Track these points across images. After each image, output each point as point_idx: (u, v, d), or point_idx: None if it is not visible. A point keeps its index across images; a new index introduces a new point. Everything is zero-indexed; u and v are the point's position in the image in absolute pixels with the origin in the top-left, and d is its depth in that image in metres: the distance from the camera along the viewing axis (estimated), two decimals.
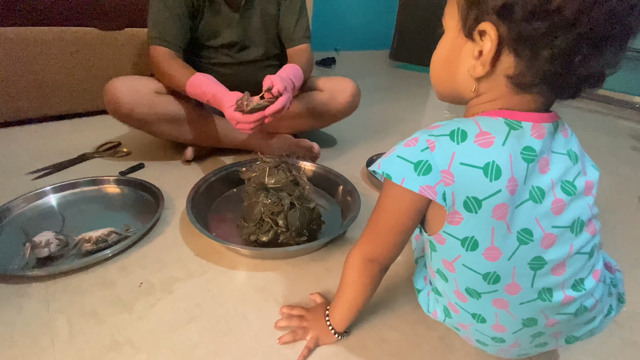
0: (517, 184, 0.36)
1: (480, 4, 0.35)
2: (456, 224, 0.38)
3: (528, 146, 0.36)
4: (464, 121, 0.38)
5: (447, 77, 0.42)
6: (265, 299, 0.61)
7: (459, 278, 0.43)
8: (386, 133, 1.42)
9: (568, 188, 0.38)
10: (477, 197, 0.36)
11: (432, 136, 0.38)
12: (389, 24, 3.27)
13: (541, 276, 0.39)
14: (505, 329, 0.43)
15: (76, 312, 0.56)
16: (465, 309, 0.45)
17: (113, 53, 1.28)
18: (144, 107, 0.89)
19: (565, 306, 0.41)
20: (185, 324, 0.55)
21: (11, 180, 0.87)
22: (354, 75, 2.43)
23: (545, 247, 0.38)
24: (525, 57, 0.34)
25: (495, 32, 0.34)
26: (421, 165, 0.37)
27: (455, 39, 0.39)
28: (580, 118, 1.91)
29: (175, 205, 0.84)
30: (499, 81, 0.37)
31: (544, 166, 0.37)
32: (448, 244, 0.41)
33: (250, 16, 1.01)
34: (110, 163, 1.00)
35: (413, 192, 0.37)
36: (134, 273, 0.64)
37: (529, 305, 0.40)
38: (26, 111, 1.18)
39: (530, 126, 0.37)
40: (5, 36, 1.07)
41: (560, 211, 0.38)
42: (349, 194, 0.87)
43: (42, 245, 0.65)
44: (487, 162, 0.35)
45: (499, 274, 0.39)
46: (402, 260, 0.71)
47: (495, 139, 0.36)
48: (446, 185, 0.36)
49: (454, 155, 0.36)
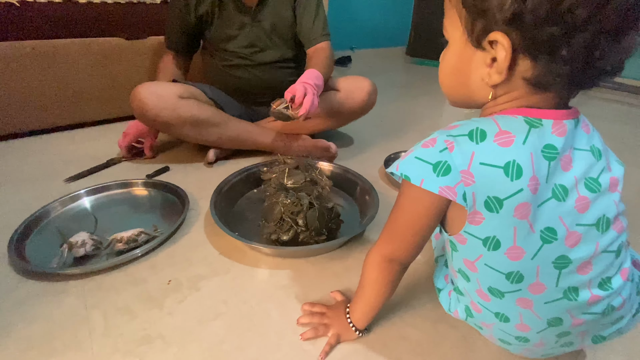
0: (538, 183, 0.36)
1: (486, 15, 0.34)
2: (477, 224, 0.38)
3: (549, 144, 0.36)
4: (483, 120, 0.38)
5: (459, 87, 0.41)
6: (287, 296, 0.63)
7: (481, 278, 0.42)
8: (404, 131, 1.41)
9: (592, 185, 0.38)
10: (498, 196, 0.36)
11: (451, 136, 0.37)
12: (405, 20, 3.22)
13: (566, 275, 0.38)
14: (530, 328, 0.43)
15: (111, 308, 0.59)
16: (488, 308, 0.45)
17: (138, 61, 1.33)
18: (168, 111, 0.93)
19: (592, 306, 0.40)
20: (211, 319, 0.58)
21: (47, 184, 0.93)
22: (370, 73, 2.43)
23: (569, 246, 0.37)
24: (543, 59, 0.33)
25: (507, 41, 0.33)
26: (440, 165, 0.37)
27: (463, 49, 0.38)
28: (606, 110, 1.83)
29: (199, 205, 0.87)
30: (516, 83, 0.37)
31: (567, 164, 0.37)
32: (469, 243, 0.40)
33: (262, 20, 1.03)
34: (137, 167, 1.05)
35: (432, 193, 0.37)
36: (163, 271, 0.67)
37: (554, 304, 0.40)
38: (58, 119, 1.24)
39: (551, 124, 0.36)
40: (37, 49, 1.14)
41: (584, 209, 0.37)
42: (367, 193, 0.88)
43: (78, 245, 0.69)
44: (507, 162, 0.35)
45: (522, 274, 0.39)
46: (422, 260, 0.71)
47: (515, 138, 0.35)
48: (466, 186, 0.36)
49: (473, 155, 0.36)
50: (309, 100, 0.84)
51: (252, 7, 1.01)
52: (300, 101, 0.84)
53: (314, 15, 1.06)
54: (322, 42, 1.07)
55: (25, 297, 0.61)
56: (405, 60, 2.97)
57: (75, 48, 1.20)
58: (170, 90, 0.95)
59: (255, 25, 1.03)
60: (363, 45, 3.02)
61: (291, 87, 0.87)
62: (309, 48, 1.08)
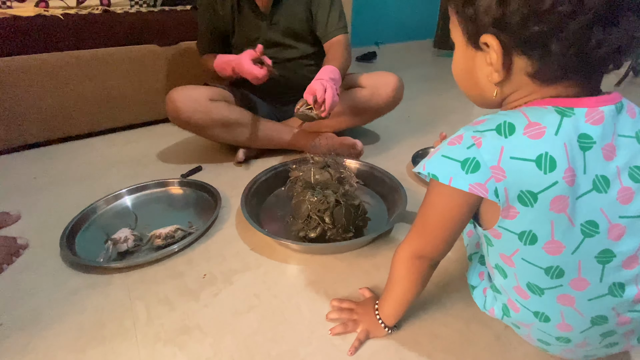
0: (575, 175, 0.34)
1: (475, 20, 0.36)
2: (512, 218, 0.37)
3: (584, 133, 0.34)
4: (510, 113, 0.37)
5: (472, 86, 0.42)
6: (316, 291, 0.64)
7: (519, 273, 0.41)
8: (432, 126, 1.38)
9: (637, 174, 0.36)
10: (532, 190, 0.35)
11: (478, 132, 0.37)
12: (432, 12, 3.14)
13: (611, 270, 0.37)
14: (572, 328, 0.41)
15: (152, 299, 0.63)
16: (526, 306, 0.43)
17: (170, 65, 1.40)
18: (200, 113, 0.97)
19: (639, 303, 0.38)
20: (245, 312, 0.60)
21: (93, 184, 1.00)
22: (396, 67, 2.39)
23: (613, 239, 0.36)
24: (537, 55, 0.34)
25: (497, 43, 0.35)
26: (469, 162, 0.36)
27: (466, 51, 0.40)
28: None
29: (230, 203, 0.90)
30: (522, 80, 0.37)
31: (610, 152, 0.35)
32: (504, 238, 0.40)
33: (278, 21, 1.05)
34: (173, 167, 1.10)
35: (462, 191, 0.36)
36: (199, 265, 0.71)
37: (598, 301, 0.38)
38: (100, 124, 1.33)
39: (584, 112, 0.35)
40: (81, 59, 1.22)
41: (628, 200, 0.35)
42: (394, 190, 0.87)
43: (121, 241, 0.74)
44: (539, 154, 0.34)
45: (562, 268, 0.38)
46: (454, 257, 0.70)
47: (546, 129, 0.34)
48: (497, 182, 0.35)
49: (502, 150, 0.35)
50: (330, 95, 0.85)
51: (267, 11, 1.03)
52: (323, 99, 0.85)
53: (329, 9, 1.06)
54: (338, 35, 1.07)
55: (76, 288, 0.66)
56: (433, 53, 2.89)
57: (114, 56, 1.28)
58: (202, 94, 0.99)
59: (272, 27, 1.05)
60: (389, 40, 2.98)
61: (309, 87, 0.88)
62: (325, 42, 1.09)
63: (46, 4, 1.27)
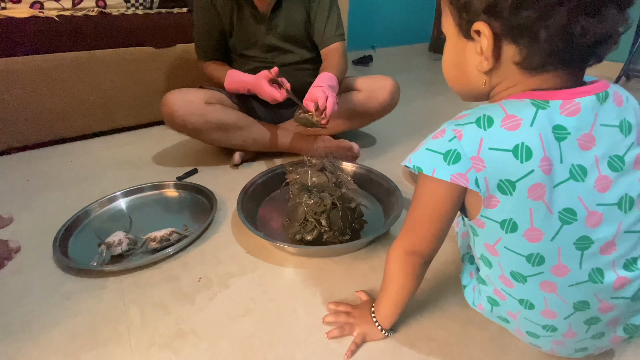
0: (551, 164, 0.36)
1: (468, 8, 0.37)
2: (493, 207, 0.39)
3: (558, 125, 0.36)
4: (490, 107, 0.38)
5: (460, 78, 0.43)
6: (313, 294, 0.64)
7: (502, 261, 0.42)
8: (429, 129, 1.38)
9: (616, 163, 0.37)
10: (510, 179, 0.36)
11: (459, 125, 0.38)
12: (428, 16, 3.17)
13: (590, 256, 0.38)
14: (556, 314, 0.42)
15: (147, 303, 0.62)
16: (511, 295, 0.44)
17: (166, 68, 1.39)
18: (196, 116, 0.97)
19: (620, 289, 0.39)
20: (241, 316, 0.60)
21: (87, 186, 0.99)
22: (392, 71, 2.40)
23: (591, 226, 0.37)
24: (525, 43, 0.35)
25: (488, 29, 0.36)
26: (450, 154, 0.38)
27: (457, 42, 0.41)
28: None
29: (227, 206, 0.90)
30: (510, 69, 0.38)
31: (587, 142, 0.36)
32: (487, 227, 0.41)
33: (278, 26, 1.05)
34: (168, 169, 1.09)
35: (446, 182, 0.38)
36: (194, 269, 0.70)
37: (579, 287, 0.39)
38: (94, 126, 1.32)
39: (559, 104, 0.36)
40: (77, 60, 1.21)
41: (605, 188, 0.37)
42: (391, 193, 0.87)
43: (115, 244, 0.73)
44: (516, 144, 0.35)
45: (542, 255, 0.39)
46: (449, 260, 0.70)
47: (522, 121, 0.36)
48: (477, 172, 0.37)
49: (482, 142, 0.37)
50: (331, 103, 0.86)
51: (266, 14, 1.03)
52: (324, 107, 0.86)
53: (327, 16, 1.07)
54: (334, 43, 1.08)
55: (70, 292, 0.65)
56: (428, 57, 2.91)
57: (110, 58, 1.27)
58: (198, 97, 0.99)
59: (271, 31, 1.05)
60: (385, 44, 2.99)
61: (309, 94, 0.89)
62: (322, 49, 1.09)
63: (41, 6, 1.26)
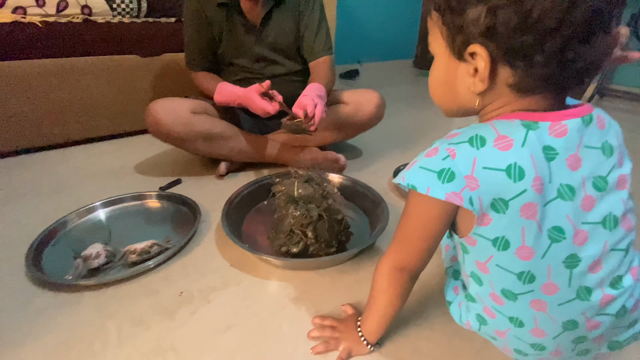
0: (542, 183, 0.37)
1: (464, 29, 0.37)
2: (486, 225, 0.39)
3: (547, 145, 0.37)
4: (481, 126, 0.39)
5: (449, 97, 0.44)
6: (298, 308, 0.63)
7: (493, 279, 0.43)
8: (413, 142, 1.42)
9: (599, 184, 0.38)
10: (503, 198, 0.37)
11: (452, 144, 0.39)
12: (412, 33, 3.27)
13: (578, 275, 0.39)
14: (545, 333, 0.43)
15: (125, 319, 0.60)
16: (502, 312, 0.45)
17: (152, 77, 1.38)
18: (181, 126, 0.96)
19: (606, 306, 0.40)
20: (223, 331, 0.58)
21: (65, 196, 0.95)
22: (378, 85, 2.45)
23: (578, 244, 0.38)
24: (520, 66, 0.35)
25: (485, 52, 0.36)
26: (444, 173, 0.38)
27: (448, 62, 0.41)
28: (631, 121, 1.80)
29: (211, 218, 0.88)
30: (502, 90, 0.39)
31: (575, 163, 0.38)
32: (479, 244, 0.41)
33: (267, 37, 1.06)
34: (150, 179, 1.07)
35: (440, 200, 0.38)
36: (176, 282, 0.68)
37: (568, 306, 0.40)
38: (74, 134, 1.29)
39: (547, 125, 0.37)
40: (57, 67, 1.19)
41: (590, 207, 0.38)
42: (376, 205, 0.88)
43: (93, 257, 0.70)
44: (509, 164, 0.36)
45: (533, 273, 0.39)
46: (435, 272, 0.71)
47: (514, 141, 0.37)
48: (471, 190, 0.37)
49: (475, 161, 0.37)
50: (320, 110, 0.87)
51: (257, 25, 1.04)
52: (313, 114, 0.86)
53: (316, 30, 1.09)
54: (323, 56, 1.10)
55: (42, 307, 0.62)
56: (412, 72, 2.99)
57: (94, 65, 1.25)
58: (184, 106, 0.98)
59: (261, 42, 1.06)
60: (371, 59, 3.07)
61: (298, 102, 0.90)
62: (310, 62, 1.11)
63: (24, 11, 1.24)
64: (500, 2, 0.33)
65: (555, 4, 0.32)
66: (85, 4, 1.34)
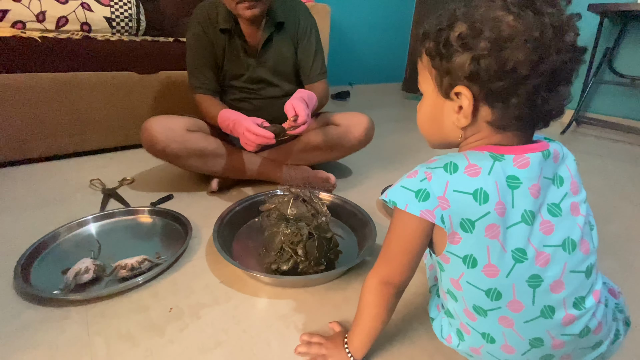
0: (505, 207, 0.41)
1: (451, 73, 0.43)
2: (456, 243, 0.43)
3: (512, 175, 0.42)
4: (456, 155, 0.45)
5: (435, 131, 0.50)
6: (286, 326, 0.64)
7: (466, 296, 0.46)
8: (401, 163, 1.47)
9: (554, 210, 0.43)
10: (470, 218, 0.42)
11: (429, 168, 0.44)
12: (401, 58, 3.41)
13: (541, 294, 0.43)
14: (515, 350, 0.46)
15: (113, 335, 0.60)
16: (475, 328, 0.48)
17: (147, 94, 1.41)
18: (176, 143, 0.98)
19: (569, 326, 0.43)
20: (212, 348, 0.59)
21: (56, 210, 0.95)
22: (368, 107, 2.53)
23: (540, 266, 0.42)
24: (498, 106, 0.42)
25: (469, 92, 0.42)
26: (420, 192, 0.43)
27: (435, 100, 0.47)
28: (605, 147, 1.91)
29: (202, 234, 0.89)
30: (481, 126, 0.44)
31: (537, 191, 0.42)
32: (452, 262, 0.45)
33: (267, 60, 1.10)
34: (142, 194, 1.08)
35: (416, 217, 0.43)
36: (165, 299, 0.69)
37: (533, 323, 0.43)
38: (67, 147, 1.29)
39: (512, 158, 0.42)
40: (54, 81, 1.21)
41: (549, 231, 0.42)
42: (365, 224, 0.90)
43: (82, 272, 0.70)
44: (475, 189, 0.41)
45: (499, 291, 0.43)
46: (418, 291, 0.73)
47: (482, 170, 0.42)
48: (443, 209, 0.42)
49: (447, 184, 0.42)
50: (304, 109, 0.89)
51: (257, 49, 1.09)
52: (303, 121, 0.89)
53: (313, 55, 1.15)
54: (319, 80, 1.16)
55: (29, 322, 0.62)
56: (401, 95, 3.10)
57: (90, 80, 1.27)
58: (179, 124, 1.00)
59: (260, 65, 1.10)
60: (361, 81, 3.17)
61: (288, 102, 0.90)
62: (306, 85, 1.17)
63: (23, 26, 1.26)
64: (483, 52, 0.39)
65: (527, 57, 0.38)
66: (85, 21, 1.37)
